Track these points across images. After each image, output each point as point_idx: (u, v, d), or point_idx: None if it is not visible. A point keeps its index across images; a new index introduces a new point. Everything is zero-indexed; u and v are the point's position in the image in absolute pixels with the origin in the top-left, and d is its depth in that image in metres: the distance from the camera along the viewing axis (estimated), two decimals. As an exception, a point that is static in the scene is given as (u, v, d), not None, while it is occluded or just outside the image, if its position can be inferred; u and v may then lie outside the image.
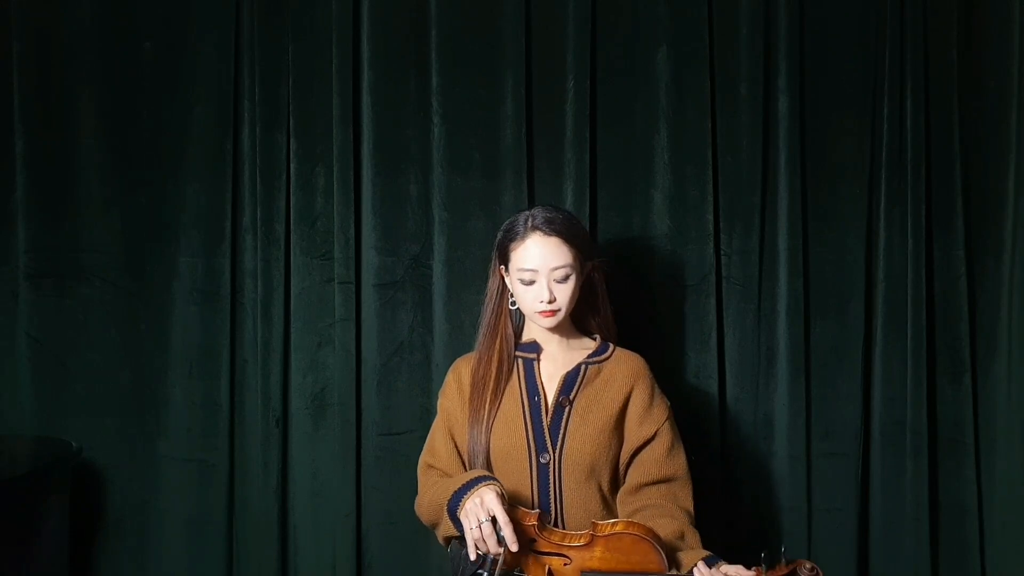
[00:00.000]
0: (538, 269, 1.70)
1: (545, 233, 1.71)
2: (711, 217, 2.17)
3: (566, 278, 1.72)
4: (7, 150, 2.16)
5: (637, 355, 1.84)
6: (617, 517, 1.73)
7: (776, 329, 2.17)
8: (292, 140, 2.15)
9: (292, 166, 2.16)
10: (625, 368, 1.80)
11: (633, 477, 1.75)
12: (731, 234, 2.18)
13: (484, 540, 1.50)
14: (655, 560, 1.59)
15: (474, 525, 1.51)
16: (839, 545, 2.20)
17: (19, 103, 2.15)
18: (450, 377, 1.84)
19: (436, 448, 1.80)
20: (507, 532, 1.50)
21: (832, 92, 2.21)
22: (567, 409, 1.73)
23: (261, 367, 2.16)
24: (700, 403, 2.15)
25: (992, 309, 2.24)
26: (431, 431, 1.85)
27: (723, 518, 2.11)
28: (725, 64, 2.17)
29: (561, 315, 1.73)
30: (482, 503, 1.52)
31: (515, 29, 2.13)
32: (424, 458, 1.82)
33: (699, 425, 2.11)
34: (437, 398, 1.88)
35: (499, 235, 1.79)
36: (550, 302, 1.70)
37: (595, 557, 1.59)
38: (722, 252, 2.18)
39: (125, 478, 2.19)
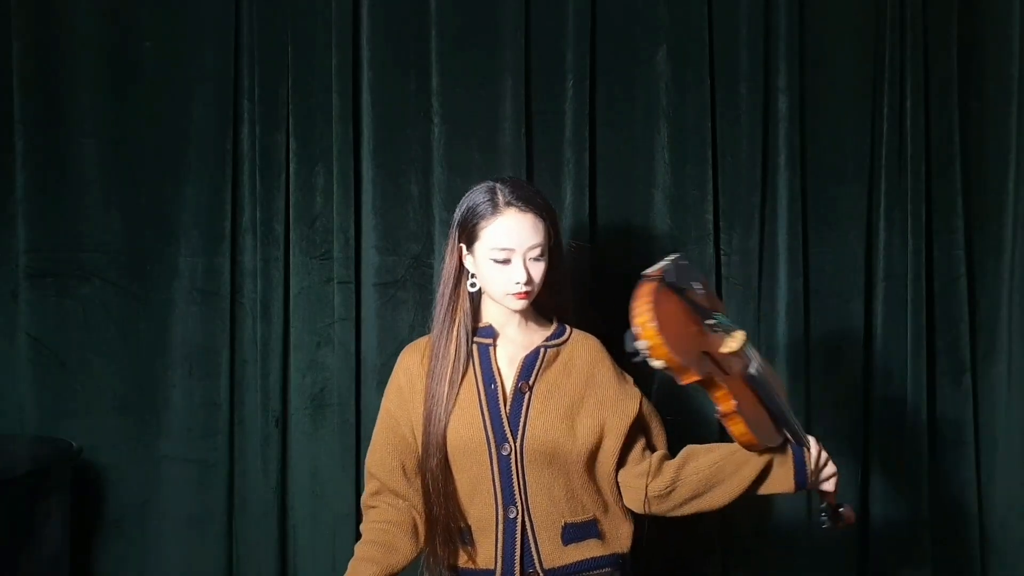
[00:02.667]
0: (515, 248, 1.60)
1: (521, 210, 1.61)
2: (711, 217, 2.17)
3: (541, 256, 1.63)
4: (7, 150, 2.16)
5: (592, 336, 1.76)
6: (587, 507, 1.67)
7: (776, 329, 2.17)
8: (292, 140, 2.15)
9: (292, 166, 2.15)
10: (584, 351, 1.72)
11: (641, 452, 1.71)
12: (731, 234, 2.18)
13: None
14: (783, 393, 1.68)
15: None
16: (839, 545, 2.21)
17: (19, 103, 2.15)
18: (398, 372, 1.73)
19: (382, 463, 1.70)
20: None
21: (832, 92, 2.21)
22: (526, 395, 1.65)
23: (261, 367, 2.16)
24: (700, 403, 2.15)
25: (992, 309, 2.25)
26: (373, 441, 1.73)
27: (723, 517, 2.12)
28: (725, 64, 2.18)
29: (532, 296, 1.65)
30: None
31: (515, 29, 2.13)
32: (371, 485, 1.71)
33: (699, 425, 2.11)
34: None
35: (461, 213, 1.66)
36: (527, 283, 1.61)
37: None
38: (722, 252, 2.18)
39: (125, 478, 2.19)
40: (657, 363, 1.47)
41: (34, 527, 1.96)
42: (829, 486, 1.66)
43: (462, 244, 1.68)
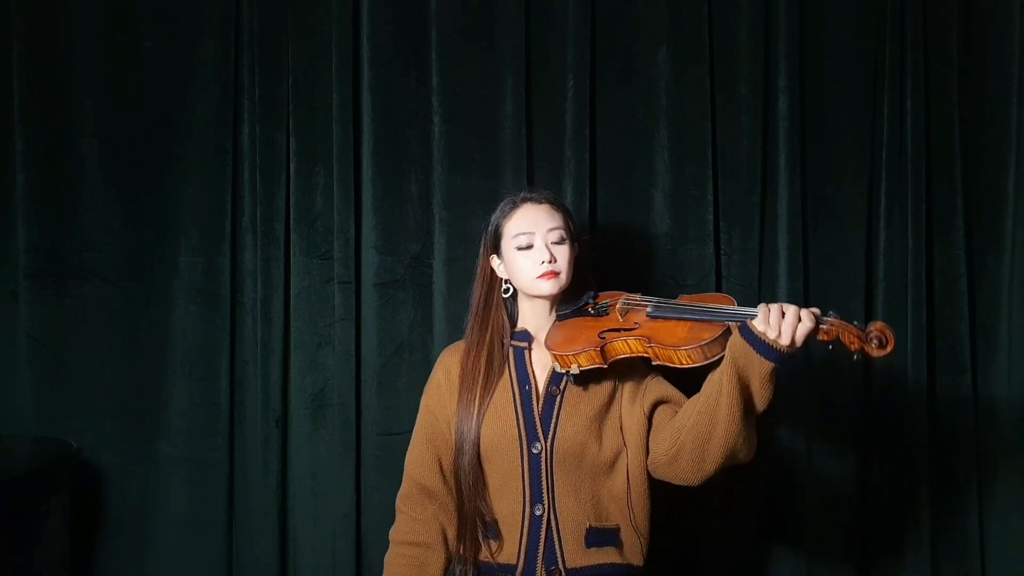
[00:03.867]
0: (534, 231, 1.72)
1: (537, 201, 1.76)
2: (711, 217, 2.17)
3: (562, 240, 1.73)
4: (7, 150, 2.16)
5: None
6: (611, 515, 1.70)
7: (776, 329, 2.16)
8: (292, 140, 2.15)
9: (292, 166, 2.16)
10: None
11: (664, 423, 1.70)
12: (731, 234, 2.18)
13: None
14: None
15: None
16: (839, 541, 2.20)
17: (19, 103, 2.15)
18: (437, 371, 1.82)
19: (420, 459, 1.77)
20: None
21: (832, 92, 2.21)
22: (558, 398, 1.71)
23: (261, 367, 2.16)
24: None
25: (992, 309, 2.25)
26: (413, 438, 1.80)
27: (721, 515, 2.12)
28: (725, 64, 2.18)
29: (562, 280, 1.72)
30: None
31: (515, 29, 2.13)
32: (405, 485, 1.78)
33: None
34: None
35: (489, 222, 1.80)
36: (551, 261, 1.71)
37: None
38: (722, 252, 2.18)
39: (125, 478, 2.19)
40: (574, 368, 1.67)
41: (34, 527, 1.96)
42: (804, 328, 1.51)
43: (492, 255, 1.79)
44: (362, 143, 2.15)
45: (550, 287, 1.72)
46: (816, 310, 1.54)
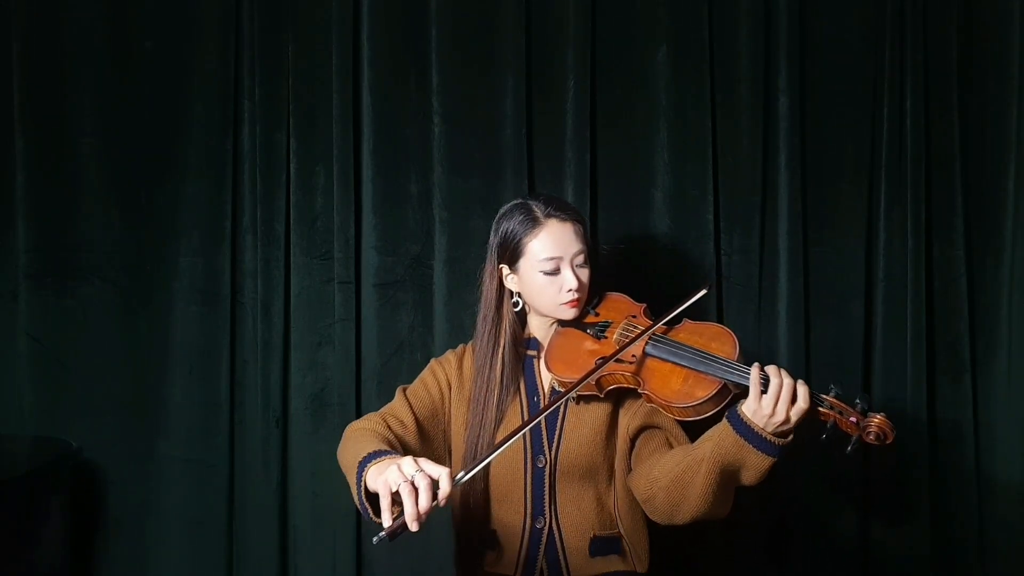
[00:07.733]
0: (563, 256, 1.63)
1: (562, 219, 1.65)
2: (711, 217, 2.17)
3: (585, 263, 1.67)
4: (7, 150, 2.16)
5: None
6: (614, 522, 1.70)
7: (776, 329, 2.17)
8: (292, 140, 2.15)
9: (292, 166, 2.16)
10: None
11: (652, 448, 1.66)
12: (731, 234, 2.18)
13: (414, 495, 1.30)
14: (730, 352, 1.58)
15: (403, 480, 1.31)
16: (839, 543, 2.21)
17: (19, 103, 2.15)
18: (452, 365, 1.75)
19: (395, 411, 1.68)
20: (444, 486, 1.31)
21: (832, 92, 2.21)
22: (562, 408, 1.69)
23: (261, 367, 2.16)
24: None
25: (992, 309, 2.24)
26: (396, 396, 1.73)
27: (724, 529, 2.11)
28: (725, 64, 2.17)
29: (582, 304, 1.67)
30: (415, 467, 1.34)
31: (515, 29, 2.13)
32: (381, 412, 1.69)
33: (699, 426, 2.11)
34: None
35: (502, 233, 1.69)
36: (578, 289, 1.64)
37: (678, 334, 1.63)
38: (722, 252, 2.18)
39: (125, 478, 2.19)
40: (572, 393, 1.57)
41: (34, 527, 1.96)
42: (799, 407, 1.47)
43: (503, 265, 1.70)
44: (362, 143, 2.15)
45: (573, 313, 1.67)
46: (810, 395, 1.50)
